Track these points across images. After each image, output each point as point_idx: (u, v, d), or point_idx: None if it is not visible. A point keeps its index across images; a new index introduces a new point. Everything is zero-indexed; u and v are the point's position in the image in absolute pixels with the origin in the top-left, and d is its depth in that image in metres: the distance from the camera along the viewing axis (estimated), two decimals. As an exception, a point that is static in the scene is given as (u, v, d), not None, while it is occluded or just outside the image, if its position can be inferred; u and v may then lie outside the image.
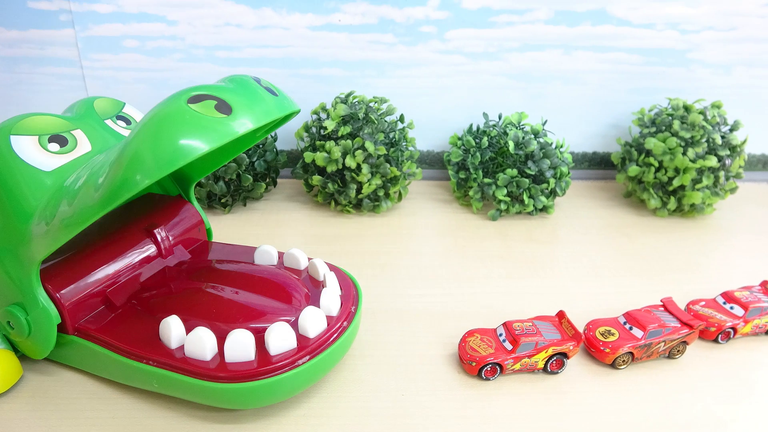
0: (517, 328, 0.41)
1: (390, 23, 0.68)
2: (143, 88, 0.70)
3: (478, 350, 0.40)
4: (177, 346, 0.36)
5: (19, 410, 0.37)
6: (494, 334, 0.42)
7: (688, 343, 0.43)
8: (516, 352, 0.40)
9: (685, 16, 0.70)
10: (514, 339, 0.40)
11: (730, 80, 0.74)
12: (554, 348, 0.40)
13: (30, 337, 0.38)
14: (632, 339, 0.41)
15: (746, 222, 0.67)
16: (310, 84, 0.71)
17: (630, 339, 0.41)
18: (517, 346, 0.40)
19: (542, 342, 0.40)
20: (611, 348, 0.41)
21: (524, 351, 0.40)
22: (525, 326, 0.41)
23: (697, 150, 0.62)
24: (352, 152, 0.61)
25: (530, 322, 0.42)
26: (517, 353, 0.40)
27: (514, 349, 0.40)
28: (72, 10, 0.65)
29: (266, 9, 0.67)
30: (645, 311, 0.44)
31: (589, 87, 0.73)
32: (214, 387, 0.34)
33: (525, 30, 0.69)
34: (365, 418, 0.37)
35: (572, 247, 0.59)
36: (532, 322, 0.42)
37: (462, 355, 0.41)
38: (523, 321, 0.42)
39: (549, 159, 0.63)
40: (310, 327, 0.36)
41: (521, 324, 0.42)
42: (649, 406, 0.38)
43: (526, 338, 0.40)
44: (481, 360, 0.40)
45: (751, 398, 0.40)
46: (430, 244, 0.59)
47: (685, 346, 0.43)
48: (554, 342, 0.40)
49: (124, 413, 0.37)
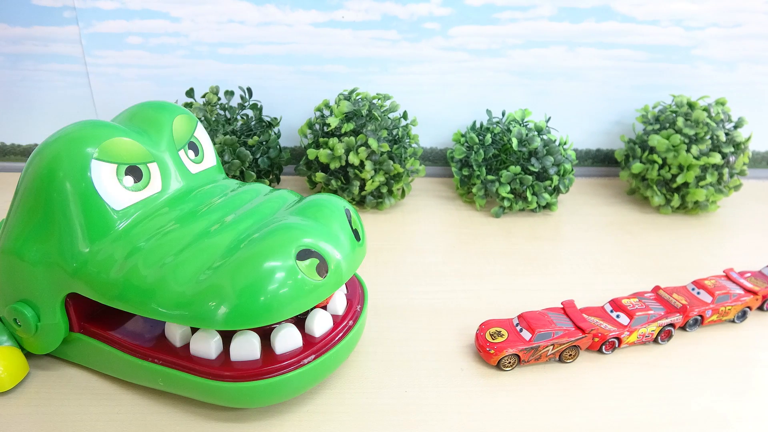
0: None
1: (393, 20, 0.68)
2: (147, 85, 0.70)
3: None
4: (182, 345, 0.36)
5: (25, 406, 0.37)
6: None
7: (581, 347, 0.42)
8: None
9: (689, 13, 0.69)
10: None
11: (735, 77, 0.73)
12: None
13: (35, 336, 0.38)
14: (520, 341, 0.41)
15: (750, 219, 0.66)
16: (313, 81, 0.71)
17: (518, 341, 0.41)
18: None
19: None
20: (495, 349, 0.40)
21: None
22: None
23: (701, 147, 0.62)
24: (355, 149, 0.61)
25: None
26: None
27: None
28: (76, 6, 0.65)
29: (269, 5, 0.67)
30: (540, 313, 0.43)
31: (592, 84, 0.73)
32: (219, 386, 0.34)
33: (528, 26, 0.69)
34: (369, 415, 0.37)
35: (575, 245, 0.59)
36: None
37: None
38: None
39: (552, 156, 0.63)
40: (316, 326, 0.36)
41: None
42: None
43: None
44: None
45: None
46: (433, 241, 0.59)
47: (578, 351, 0.42)
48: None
49: (128, 409, 0.37)
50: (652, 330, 0.43)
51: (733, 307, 0.46)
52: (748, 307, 0.47)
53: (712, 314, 0.45)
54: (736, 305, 0.46)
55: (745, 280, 0.48)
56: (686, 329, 0.45)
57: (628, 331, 0.42)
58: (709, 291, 0.46)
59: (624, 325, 0.43)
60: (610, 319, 0.43)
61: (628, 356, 0.43)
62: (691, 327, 0.45)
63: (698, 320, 0.45)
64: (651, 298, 0.46)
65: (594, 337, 0.42)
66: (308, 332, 0.36)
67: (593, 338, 0.42)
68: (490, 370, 0.41)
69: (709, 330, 0.46)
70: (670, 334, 0.44)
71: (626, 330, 0.42)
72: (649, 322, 0.43)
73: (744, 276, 0.49)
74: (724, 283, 0.47)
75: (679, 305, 0.45)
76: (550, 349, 0.41)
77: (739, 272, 0.50)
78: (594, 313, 0.44)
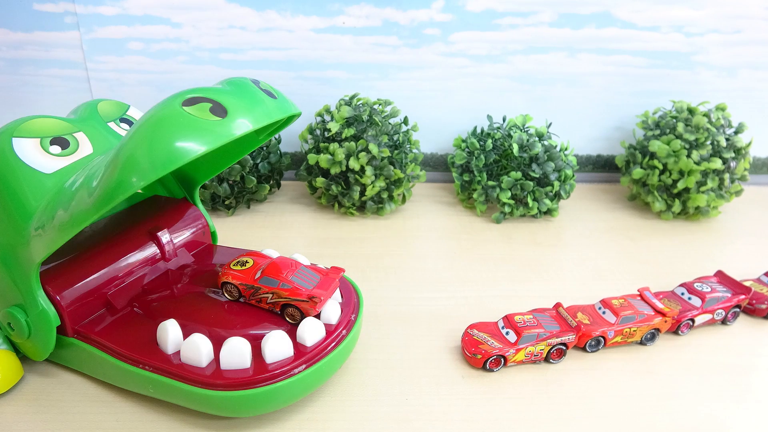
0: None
1: (394, 26, 0.68)
2: (147, 90, 0.70)
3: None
4: (173, 352, 0.36)
5: (23, 413, 0.37)
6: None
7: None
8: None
9: (689, 19, 0.69)
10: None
11: (735, 83, 0.73)
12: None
13: (30, 338, 0.38)
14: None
15: (751, 225, 0.66)
16: (314, 86, 0.71)
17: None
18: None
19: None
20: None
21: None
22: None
23: (702, 152, 0.62)
24: (356, 154, 0.61)
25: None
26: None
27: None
28: (77, 12, 0.65)
29: (270, 11, 0.67)
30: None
31: (593, 89, 0.73)
32: (208, 394, 0.34)
33: (529, 32, 0.69)
34: (369, 422, 0.37)
35: (576, 250, 0.59)
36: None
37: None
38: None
39: (553, 162, 0.63)
40: (308, 335, 0.36)
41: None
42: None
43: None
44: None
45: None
46: (434, 247, 0.59)
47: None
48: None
49: (127, 417, 0.37)
50: (541, 349, 0.42)
51: (639, 328, 0.44)
52: (657, 329, 0.44)
53: (615, 335, 0.43)
54: (642, 327, 0.44)
55: (657, 300, 0.46)
56: (587, 350, 0.43)
57: (515, 349, 0.41)
58: (614, 311, 0.44)
59: (511, 343, 0.41)
60: (500, 336, 0.42)
61: (629, 363, 0.43)
62: (593, 348, 0.43)
63: (600, 341, 0.43)
64: (550, 315, 0.44)
65: (476, 354, 0.41)
66: (300, 341, 0.36)
67: (473, 358, 0.41)
68: (492, 377, 0.41)
69: (709, 336, 0.46)
70: (563, 353, 0.42)
71: (512, 348, 0.41)
72: (538, 341, 0.41)
73: (741, 283, 0.48)
74: (633, 303, 0.45)
75: (574, 324, 0.43)
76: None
77: (742, 279, 0.50)
78: (485, 329, 0.43)
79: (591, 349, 0.43)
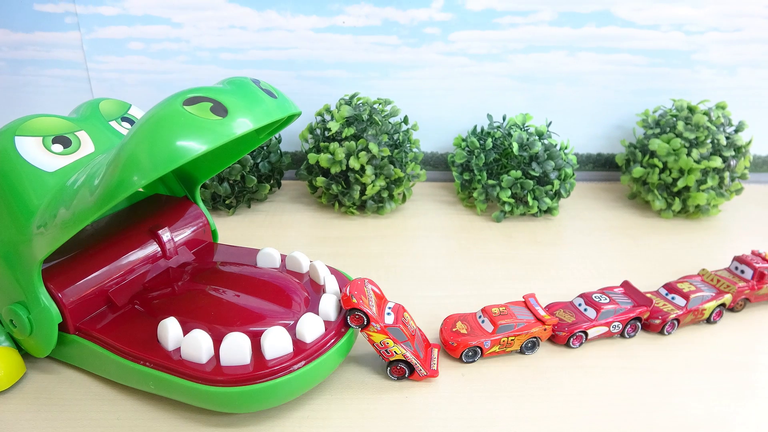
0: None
1: (394, 25, 0.68)
2: (148, 90, 0.70)
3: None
4: (174, 348, 0.36)
5: (25, 411, 0.37)
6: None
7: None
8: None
9: (689, 17, 0.69)
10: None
11: (735, 81, 0.73)
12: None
13: (32, 335, 0.38)
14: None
15: (752, 223, 0.66)
16: (314, 86, 0.71)
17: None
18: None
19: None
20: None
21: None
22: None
23: (702, 151, 0.62)
24: (356, 154, 0.61)
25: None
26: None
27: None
28: (77, 12, 0.66)
29: (270, 11, 0.67)
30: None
31: (593, 88, 0.73)
32: (208, 390, 0.34)
33: (529, 31, 0.69)
34: (369, 421, 0.37)
35: (577, 249, 0.59)
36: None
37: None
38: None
39: (553, 160, 0.63)
40: (307, 332, 0.36)
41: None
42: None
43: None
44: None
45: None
46: (434, 246, 0.59)
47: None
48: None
49: (129, 414, 0.37)
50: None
51: (517, 337, 0.42)
52: (537, 338, 0.43)
53: (492, 345, 0.42)
54: (521, 336, 0.42)
55: (540, 308, 0.44)
56: (462, 360, 0.42)
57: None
58: (492, 320, 0.42)
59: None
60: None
61: (632, 361, 0.43)
62: (469, 359, 0.42)
63: (477, 351, 0.42)
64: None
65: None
66: (299, 338, 0.36)
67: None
68: (492, 375, 0.41)
69: (708, 336, 0.46)
70: None
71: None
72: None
73: (644, 295, 0.46)
74: (514, 311, 0.43)
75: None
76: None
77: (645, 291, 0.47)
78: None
79: (467, 359, 0.42)
